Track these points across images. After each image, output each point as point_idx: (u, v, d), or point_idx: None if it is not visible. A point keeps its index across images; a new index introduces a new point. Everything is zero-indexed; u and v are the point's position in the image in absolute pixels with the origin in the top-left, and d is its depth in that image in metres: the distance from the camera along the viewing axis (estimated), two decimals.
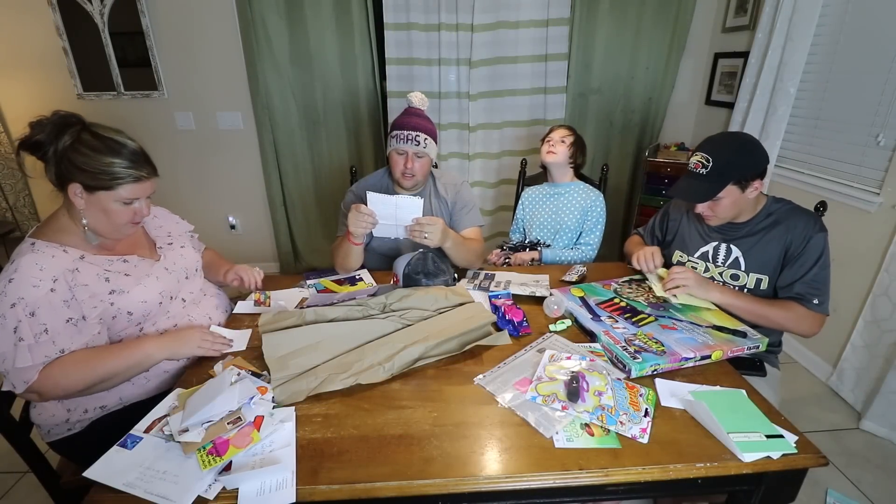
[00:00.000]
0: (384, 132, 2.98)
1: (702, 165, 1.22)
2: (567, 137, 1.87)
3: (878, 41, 1.91)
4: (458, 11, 2.67)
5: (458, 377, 1.07)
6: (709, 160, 1.21)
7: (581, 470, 0.82)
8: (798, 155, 2.31)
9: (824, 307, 1.21)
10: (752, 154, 1.22)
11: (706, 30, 2.87)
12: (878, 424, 1.86)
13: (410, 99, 1.57)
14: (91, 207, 1.04)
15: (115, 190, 1.03)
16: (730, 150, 1.23)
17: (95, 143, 1.01)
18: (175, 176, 3.03)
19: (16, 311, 0.95)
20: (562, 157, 1.86)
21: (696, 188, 1.24)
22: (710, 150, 1.23)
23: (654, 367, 1.05)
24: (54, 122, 1.00)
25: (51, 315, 0.98)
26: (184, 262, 1.27)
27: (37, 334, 0.96)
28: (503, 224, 3.15)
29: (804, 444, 0.86)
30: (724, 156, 1.21)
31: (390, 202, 1.39)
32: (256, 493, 0.77)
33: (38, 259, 0.99)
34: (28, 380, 0.97)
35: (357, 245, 1.48)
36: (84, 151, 1.00)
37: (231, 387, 0.92)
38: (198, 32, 2.73)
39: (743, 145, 1.23)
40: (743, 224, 1.32)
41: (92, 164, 1.00)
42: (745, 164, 1.21)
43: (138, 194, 1.07)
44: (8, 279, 0.96)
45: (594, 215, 1.84)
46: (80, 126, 1.02)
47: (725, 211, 1.26)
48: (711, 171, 1.21)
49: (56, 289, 0.99)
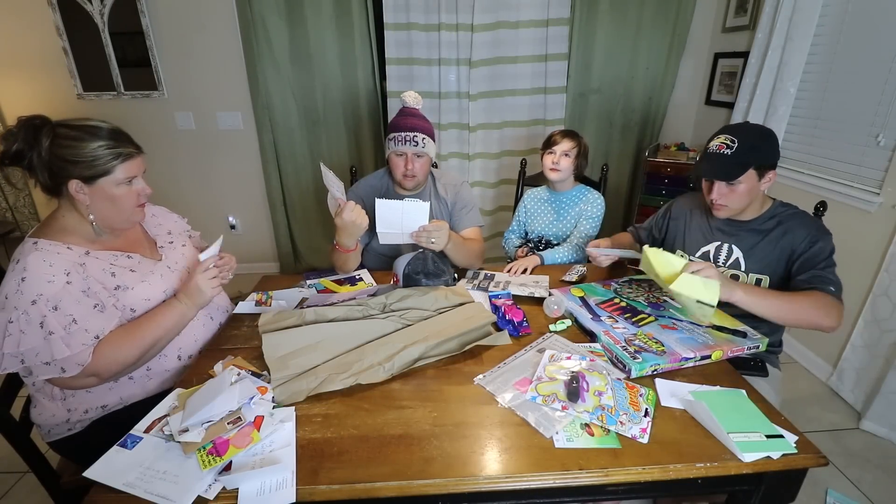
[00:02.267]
0: (384, 132, 2.98)
1: (726, 146, 1.22)
2: (572, 150, 1.78)
3: (878, 41, 1.91)
4: (458, 11, 2.67)
5: (458, 377, 1.07)
6: (734, 141, 1.22)
7: (581, 470, 0.82)
8: (798, 155, 2.31)
9: (840, 296, 1.16)
10: (773, 142, 1.24)
11: (706, 30, 2.87)
12: (878, 424, 1.86)
13: (404, 99, 1.56)
14: (96, 200, 1.05)
15: (112, 173, 1.04)
16: (753, 135, 1.24)
17: (74, 133, 1.01)
18: (175, 176, 3.03)
19: (38, 307, 0.95)
20: (566, 174, 1.82)
21: (722, 167, 1.22)
22: (735, 133, 1.24)
23: (654, 367, 1.05)
24: (23, 127, 0.99)
25: (75, 305, 0.99)
26: (185, 261, 1.28)
27: (66, 325, 0.97)
28: (503, 224, 3.15)
29: (804, 444, 0.86)
30: (748, 139, 1.22)
31: (397, 208, 1.38)
32: (256, 493, 0.77)
33: (44, 256, 0.99)
34: (82, 362, 0.98)
35: (349, 252, 1.48)
36: (68, 144, 1.00)
37: (231, 387, 0.92)
38: (198, 32, 2.73)
39: (765, 133, 1.25)
40: (745, 223, 1.33)
41: (82, 154, 1.00)
42: (767, 150, 1.23)
43: (133, 172, 1.08)
44: (20, 278, 0.96)
45: (590, 213, 1.82)
46: (51, 125, 1.01)
47: (739, 199, 1.26)
48: (737, 151, 1.21)
49: (72, 281, 1.00)
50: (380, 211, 1.39)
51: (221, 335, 1.26)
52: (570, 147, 1.78)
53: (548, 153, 1.82)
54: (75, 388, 1.06)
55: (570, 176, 1.85)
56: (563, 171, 1.80)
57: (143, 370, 1.14)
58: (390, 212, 1.39)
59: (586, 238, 1.81)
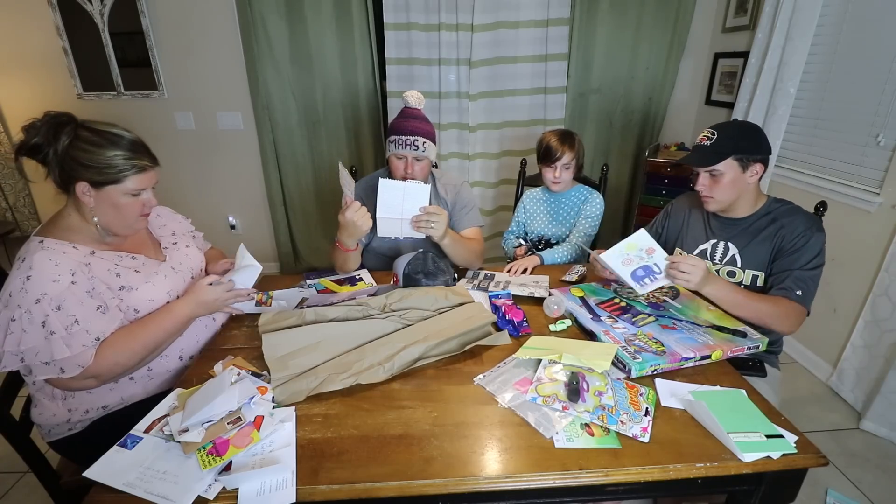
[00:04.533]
0: (384, 132, 2.98)
1: (707, 138, 1.30)
2: (571, 162, 1.76)
3: (878, 41, 1.91)
4: (458, 11, 2.67)
5: (458, 377, 1.07)
6: (714, 133, 1.30)
7: (581, 470, 0.82)
8: (798, 155, 2.30)
9: (806, 301, 1.22)
10: (755, 135, 1.29)
11: (706, 30, 2.87)
12: (878, 424, 1.86)
13: (407, 98, 1.55)
14: (101, 204, 1.05)
15: (122, 183, 1.04)
16: (734, 128, 1.31)
17: (95, 139, 1.01)
18: (175, 176, 3.02)
19: (41, 306, 0.95)
20: (567, 185, 1.84)
21: (701, 155, 1.30)
22: (717, 127, 1.32)
23: (654, 367, 1.04)
24: (47, 122, 1.00)
25: (78, 306, 0.99)
26: (189, 262, 1.28)
27: (67, 326, 0.97)
28: (503, 224, 3.15)
29: (804, 444, 0.86)
30: (728, 132, 1.29)
31: (399, 188, 1.39)
32: (256, 493, 0.77)
33: (50, 255, 1.00)
34: (83, 363, 0.98)
35: (351, 251, 1.48)
36: (85, 147, 1.00)
37: (231, 387, 0.92)
38: (198, 32, 2.73)
39: (747, 127, 1.32)
40: (741, 220, 1.35)
41: (96, 160, 1.00)
42: (748, 141, 1.28)
43: (145, 184, 1.08)
44: (25, 276, 0.96)
45: (589, 212, 1.82)
46: (74, 124, 1.02)
47: (724, 191, 1.30)
48: (716, 141, 1.28)
49: (77, 281, 1.00)
50: (382, 191, 1.39)
51: (221, 335, 1.26)
52: (570, 160, 1.76)
53: (547, 168, 1.80)
54: (74, 389, 1.06)
55: (571, 183, 1.86)
56: (563, 184, 1.82)
57: (145, 370, 1.14)
58: (392, 193, 1.40)
59: (586, 237, 1.81)
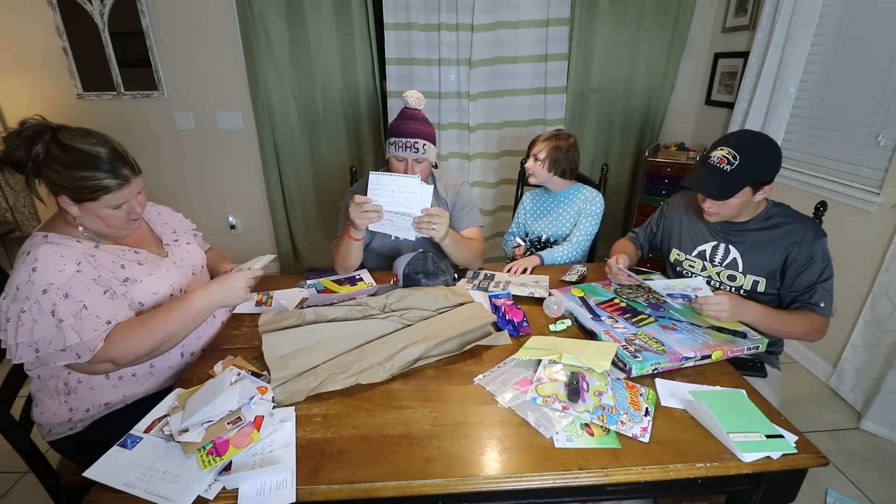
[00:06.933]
0: (384, 132, 2.98)
1: (727, 161, 1.19)
2: (540, 153, 1.79)
3: (878, 41, 1.91)
4: (458, 11, 2.67)
5: (458, 377, 1.07)
6: (736, 157, 1.18)
7: (581, 470, 0.82)
8: (798, 155, 2.30)
9: (829, 310, 1.23)
10: (775, 159, 1.21)
11: (706, 30, 2.87)
12: (878, 424, 1.86)
13: (407, 99, 1.54)
14: (85, 214, 1.05)
15: (98, 201, 1.02)
16: (755, 150, 1.20)
17: (65, 158, 0.98)
18: (175, 176, 3.02)
19: (49, 296, 0.96)
20: (541, 177, 1.82)
21: (718, 184, 1.21)
22: (738, 147, 1.19)
23: (655, 366, 1.04)
24: (25, 136, 0.97)
25: (85, 292, 0.99)
26: (190, 259, 1.29)
27: (76, 312, 0.97)
28: (503, 224, 3.15)
29: (804, 444, 0.86)
30: (750, 156, 1.18)
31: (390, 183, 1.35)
32: (256, 493, 0.77)
33: (55, 248, 1.00)
34: (93, 348, 0.98)
35: (357, 241, 1.46)
36: (56, 168, 0.98)
37: (231, 387, 0.92)
38: (198, 32, 2.72)
39: (770, 148, 1.21)
40: (742, 224, 1.32)
41: (68, 181, 0.98)
42: (767, 168, 1.20)
43: (125, 198, 1.05)
44: (31, 268, 0.97)
45: (589, 211, 1.82)
46: (49, 134, 0.99)
47: (732, 210, 1.27)
48: (737, 168, 1.18)
49: (82, 269, 1.01)
50: (372, 186, 1.34)
51: (221, 335, 1.26)
52: (541, 151, 1.79)
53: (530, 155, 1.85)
54: (95, 373, 1.06)
55: (549, 177, 1.83)
56: (536, 176, 1.82)
57: (147, 367, 1.14)
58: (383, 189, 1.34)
59: (587, 237, 1.81)
